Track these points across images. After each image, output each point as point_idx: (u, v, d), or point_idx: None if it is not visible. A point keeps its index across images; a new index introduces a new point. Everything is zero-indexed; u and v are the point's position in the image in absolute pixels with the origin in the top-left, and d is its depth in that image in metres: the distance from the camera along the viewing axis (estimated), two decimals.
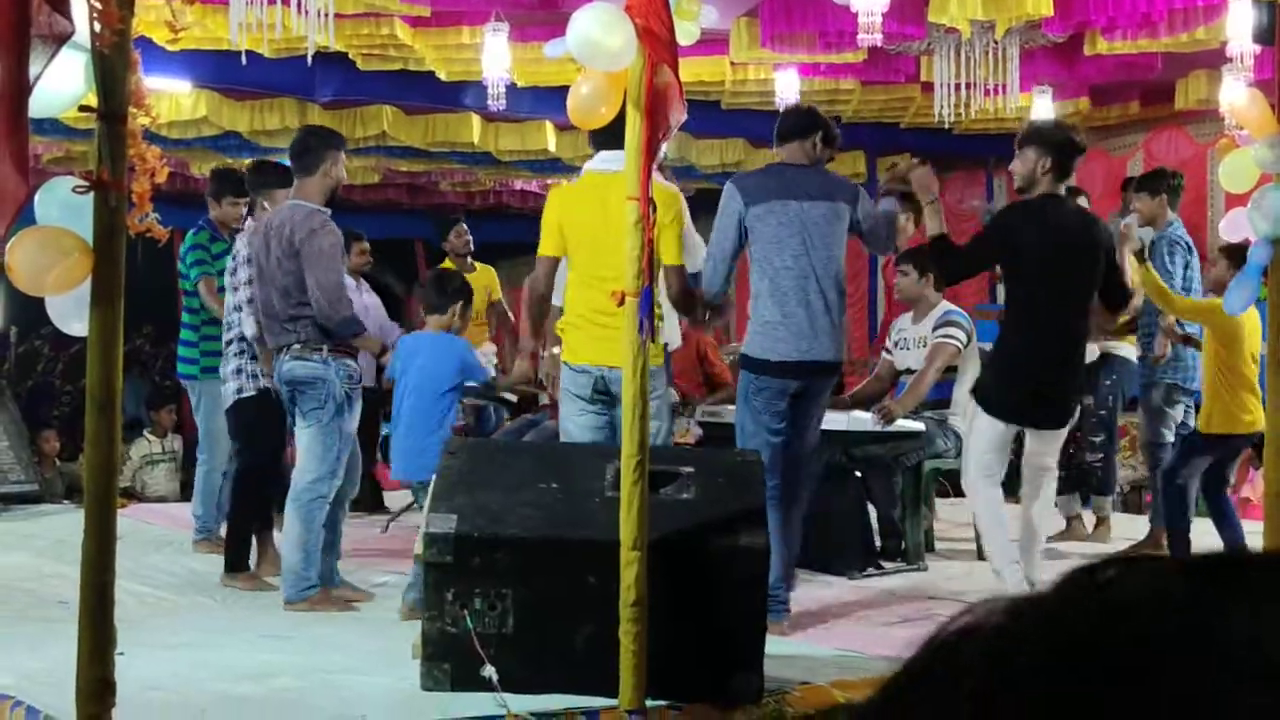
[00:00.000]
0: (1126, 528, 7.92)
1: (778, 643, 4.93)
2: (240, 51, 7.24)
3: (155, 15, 4.56)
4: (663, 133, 4.19)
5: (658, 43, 4.07)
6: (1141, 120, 11.27)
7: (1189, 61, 9.32)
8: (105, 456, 3.21)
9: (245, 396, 6.71)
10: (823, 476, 6.32)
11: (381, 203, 14.76)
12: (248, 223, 6.91)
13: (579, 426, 5.52)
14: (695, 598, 4.38)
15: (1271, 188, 5.46)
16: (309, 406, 5.98)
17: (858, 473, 7.27)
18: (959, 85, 8.58)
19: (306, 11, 6.76)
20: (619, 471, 4.16)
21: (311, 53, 7.22)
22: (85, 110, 3.24)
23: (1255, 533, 6.88)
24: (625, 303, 4.15)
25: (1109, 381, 8.05)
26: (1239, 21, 7.42)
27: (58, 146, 11.41)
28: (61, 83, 3.25)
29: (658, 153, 4.31)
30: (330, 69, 9.30)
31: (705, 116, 9.90)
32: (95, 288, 3.18)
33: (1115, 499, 8.32)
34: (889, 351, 7.79)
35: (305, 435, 6.03)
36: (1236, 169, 5.82)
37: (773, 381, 5.66)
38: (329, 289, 5.92)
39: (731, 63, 9.31)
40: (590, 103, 4.40)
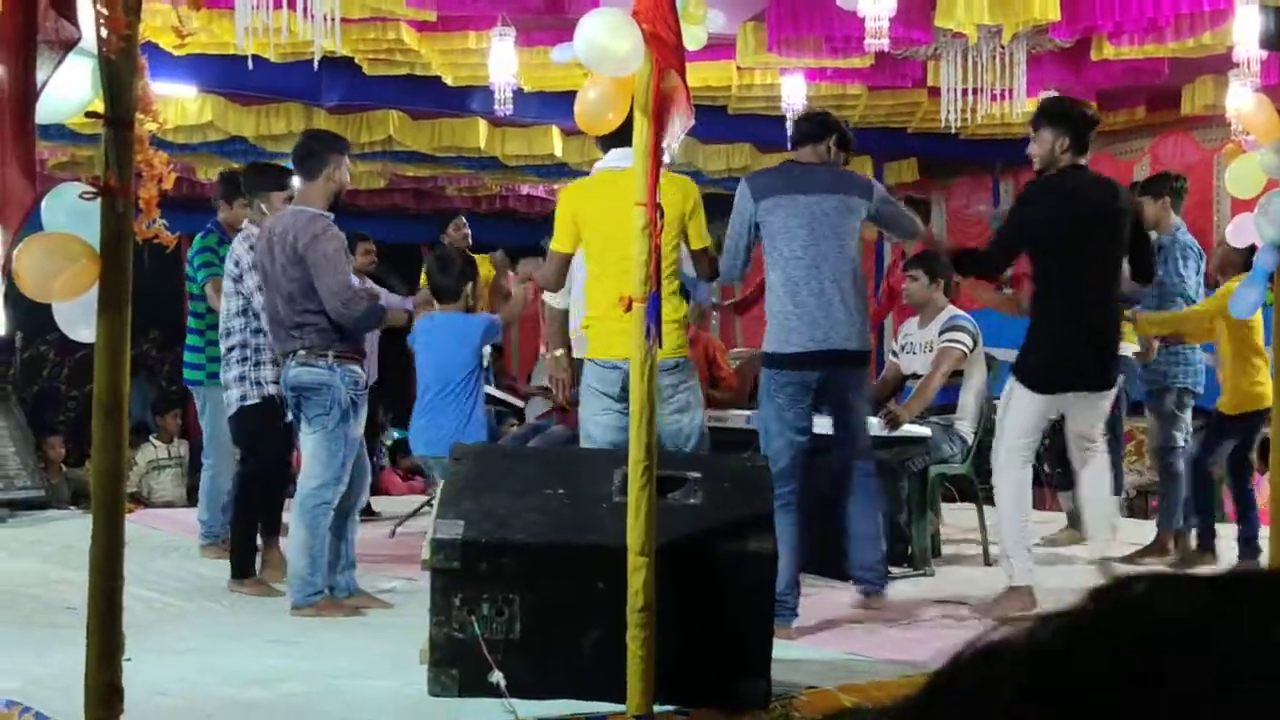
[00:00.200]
0: (1132, 533, 7.90)
1: (784, 647, 4.92)
2: (246, 56, 7.22)
3: (162, 20, 4.57)
4: (664, 134, 4.19)
5: (665, 48, 4.07)
6: (1148, 125, 11.25)
7: (1195, 67, 9.30)
8: (113, 462, 3.21)
9: (249, 404, 6.68)
10: (826, 480, 6.29)
11: (387, 207, 14.77)
12: (244, 225, 6.91)
13: (602, 427, 5.45)
14: (703, 603, 4.37)
15: (1278, 193, 5.47)
16: (314, 412, 5.98)
17: None
18: (966, 90, 8.57)
19: (312, 16, 6.75)
20: (626, 476, 4.16)
21: (318, 57, 7.21)
22: (92, 116, 3.24)
23: (1262, 537, 6.87)
24: (633, 308, 4.15)
25: None
26: (1246, 27, 7.41)
27: (63, 152, 11.43)
28: (68, 88, 3.25)
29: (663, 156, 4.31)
30: (336, 74, 9.30)
31: (712, 121, 9.91)
32: (102, 293, 3.17)
33: (1121, 502, 8.28)
34: (895, 356, 7.79)
35: (311, 441, 6.02)
36: (1243, 174, 5.82)
37: (792, 375, 5.65)
38: (339, 291, 5.92)
39: (738, 68, 9.30)
40: (597, 108, 4.40)
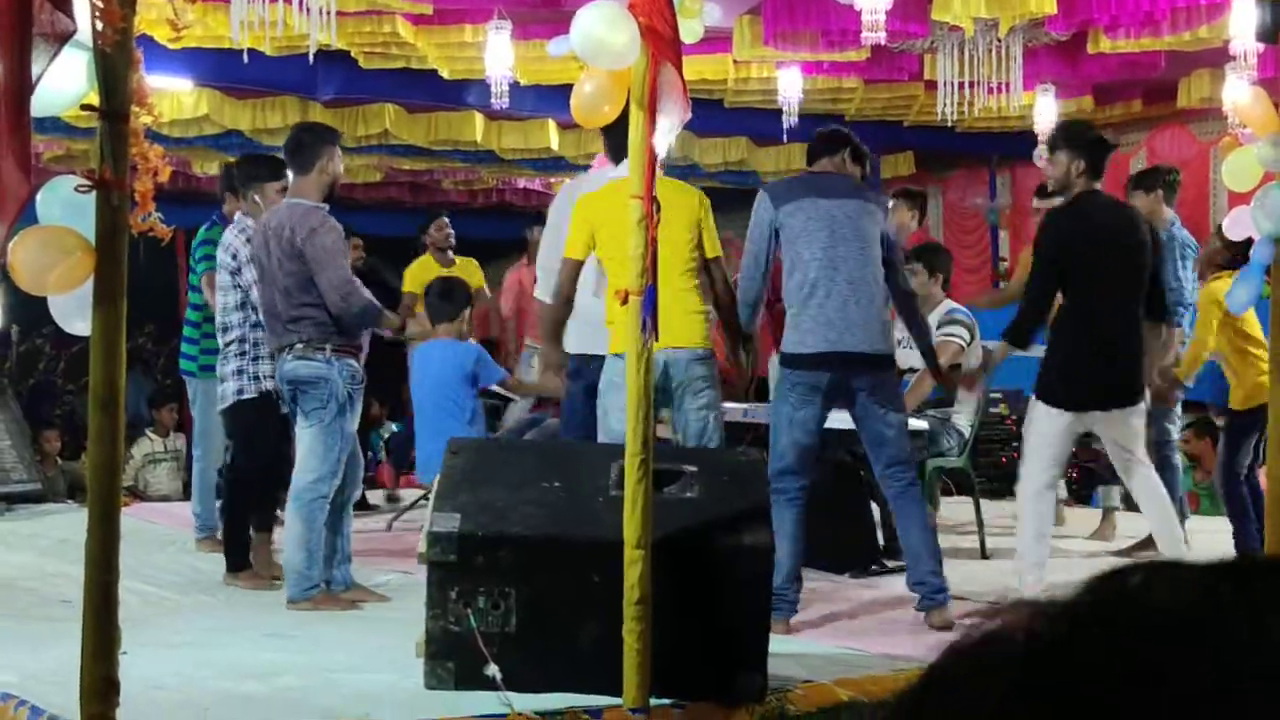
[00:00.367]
0: (1129, 525, 7.91)
1: (781, 641, 4.93)
2: (242, 49, 7.22)
3: (157, 13, 4.56)
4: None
5: (661, 41, 4.07)
6: (1144, 119, 11.26)
7: (1192, 60, 9.31)
8: (108, 455, 3.21)
9: (245, 398, 6.65)
10: (825, 475, 6.30)
11: (384, 201, 14.75)
12: (238, 217, 6.87)
13: (624, 420, 5.40)
14: (699, 596, 4.37)
15: (1275, 186, 5.46)
16: (311, 406, 5.97)
17: (861, 471, 7.25)
18: (962, 84, 8.57)
19: (308, 9, 6.75)
20: (623, 470, 4.16)
21: (314, 51, 7.20)
22: (87, 109, 3.24)
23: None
24: (629, 301, 4.15)
25: None
26: (1242, 20, 7.40)
27: (59, 145, 11.40)
28: (64, 81, 3.25)
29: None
30: (332, 67, 9.29)
31: (708, 115, 9.87)
32: (98, 287, 3.17)
33: (1119, 491, 8.28)
34: None
35: (307, 435, 6.02)
36: (1240, 167, 5.81)
37: (805, 375, 5.60)
38: (339, 285, 5.92)
39: (734, 61, 9.30)
40: (594, 101, 4.39)
